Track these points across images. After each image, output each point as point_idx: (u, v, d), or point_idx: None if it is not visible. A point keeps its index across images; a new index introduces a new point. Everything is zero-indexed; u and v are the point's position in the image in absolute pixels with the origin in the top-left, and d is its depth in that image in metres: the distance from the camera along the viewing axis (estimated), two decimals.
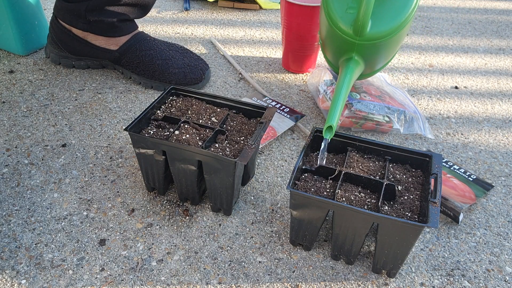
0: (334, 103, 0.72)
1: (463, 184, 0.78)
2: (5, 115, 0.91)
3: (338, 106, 0.72)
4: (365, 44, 0.79)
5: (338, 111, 0.71)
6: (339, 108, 0.71)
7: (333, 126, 0.67)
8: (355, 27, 0.77)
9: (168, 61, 0.99)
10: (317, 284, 0.63)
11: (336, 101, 0.72)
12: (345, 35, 0.79)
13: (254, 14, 1.41)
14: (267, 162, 0.84)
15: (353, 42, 0.79)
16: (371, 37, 0.78)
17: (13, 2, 1.02)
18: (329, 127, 0.67)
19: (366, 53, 0.81)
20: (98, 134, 0.88)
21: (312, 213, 0.62)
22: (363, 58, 0.81)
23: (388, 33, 0.78)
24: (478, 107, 1.03)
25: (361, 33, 0.77)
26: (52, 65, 1.07)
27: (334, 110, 0.71)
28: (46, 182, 0.77)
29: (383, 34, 0.78)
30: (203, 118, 0.74)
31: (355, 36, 0.78)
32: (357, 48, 0.80)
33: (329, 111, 0.71)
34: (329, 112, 0.70)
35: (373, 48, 0.80)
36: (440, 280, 0.65)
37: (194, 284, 0.63)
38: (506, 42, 1.33)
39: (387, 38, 0.78)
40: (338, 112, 0.70)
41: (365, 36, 0.78)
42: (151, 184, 0.74)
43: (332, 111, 0.70)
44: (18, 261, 0.64)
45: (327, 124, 0.68)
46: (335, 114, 0.70)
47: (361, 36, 0.78)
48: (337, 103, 0.72)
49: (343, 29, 0.79)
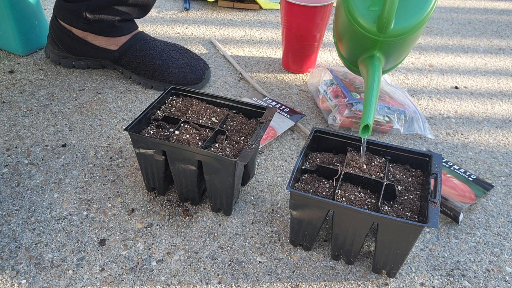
0: (368, 101, 0.70)
1: (463, 184, 0.78)
2: (5, 115, 0.91)
3: (372, 103, 0.70)
4: (388, 41, 0.78)
5: (373, 109, 0.69)
6: (374, 105, 0.70)
7: (369, 125, 0.66)
8: (380, 24, 0.76)
9: (168, 61, 0.99)
10: (317, 284, 0.63)
11: (370, 98, 0.71)
12: (368, 32, 0.78)
13: (254, 14, 1.41)
14: (267, 162, 0.84)
15: (376, 40, 0.78)
16: (395, 33, 0.77)
17: (13, 2, 1.02)
18: (366, 126, 0.66)
19: (388, 50, 0.80)
20: (98, 134, 0.88)
21: (312, 213, 0.62)
22: (384, 55, 0.80)
23: (411, 29, 0.77)
24: (478, 107, 1.03)
25: (385, 30, 0.76)
26: (52, 65, 1.07)
27: (369, 108, 0.69)
28: (46, 182, 0.77)
29: (407, 30, 0.77)
30: (203, 118, 0.74)
31: (379, 33, 0.77)
32: (380, 45, 0.79)
33: (364, 109, 0.69)
34: (364, 110, 0.69)
35: (396, 45, 0.79)
36: (440, 280, 0.65)
37: (194, 284, 0.63)
38: (506, 42, 1.33)
39: (410, 33, 0.77)
40: (373, 110, 0.69)
41: (389, 33, 0.77)
42: (151, 184, 0.74)
43: (367, 109, 0.69)
44: (18, 261, 0.64)
45: (363, 123, 0.66)
46: (370, 112, 0.68)
47: (385, 33, 0.77)
48: (371, 101, 0.70)
49: (366, 27, 0.78)
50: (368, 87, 0.74)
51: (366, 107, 0.70)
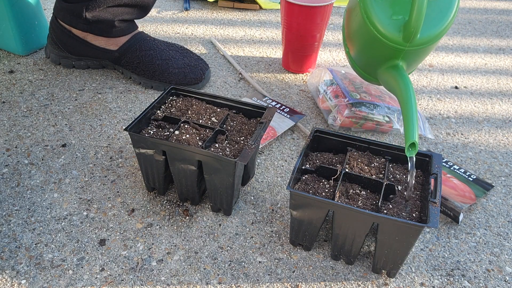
0: (409, 117, 0.66)
1: (463, 184, 0.78)
2: (5, 115, 0.91)
3: (414, 119, 0.66)
4: (414, 50, 0.76)
5: (415, 125, 0.65)
6: (416, 120, 0.66)
7: (416, 143, 0.62)
8: (406, 33, 0.74)
9: (168, 61, 0.99)
10: (317, 284, 0.63)
11: (410, 114, 0.67)
12: (393, 42, 0.76)
13: (254, 14, 1.41)
14: (267, 162, 0.84)
15: (401, 49, 0.76)
16: (421, 42, 0.75)
17: (13, 2, 1.02)
18: (412, 144, 0.63)
19: (411, 58, 0.78)
20: (98, 134, 0.88)
21: (312, 213, 0.62)
22: (407, 64, 0.79)
23: (436, 36, 0.75)
24: (478, 107, 1.03)
25: (412, 39, 0.74)
26: (52, 65, 1.07)
27: (411, 124, 0.65)
28: (46, 182, 0.77)
29: (432, 37, 0.75)
30: (203, 118, 0.74)
31: (405, 43, 0.75)
32: (404, 54, 0.77)
33: (406, 127, 0.65)
34: (406, 127, 0.65)
35: (419, 53, 0.78)
36: (440, 280, 0.65)
37: (194, 284, 0.63)
38: (506, 42, 1.33)
39: (435, 40, 0.76)
40: (416, 126, 0.65)
41: (416, 41, 0.75)
42: (151, 184, 0.74)
43: (410, 126, 0.65)
44: (18, 261, 0.64)
45: (409, 142, 0.63)
46: (414, 129, 0.64)
47: (411, 43, 0.75)
48: (412, 117, 0.66)
49: (390, 37, 0.75)
50: (406, 102, 0.70)
51: (409, 123, 0.65)
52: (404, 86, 0.72)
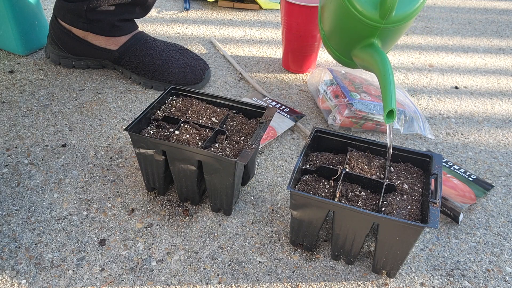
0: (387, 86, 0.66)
1: (463, 184, 0.78)
2: (5, 115, 0.91)
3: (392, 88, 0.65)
4: (389, 28, 0.76)
5: (393, 93, 0.65)
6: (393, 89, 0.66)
7: (393, 110, 0.62)
8: (383, 10, 0.74)
9: (168, 61, 0.99)
10: (317, 284, 0.63)
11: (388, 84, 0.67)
12: (369, 20, 0.75)
13: (254, 14, 1.41)
14: (267, 162, 0.84)
15: (376, 27, 0.76)
16: (396, 19, 0.75)
17: (13, 2, 1.02)
18: (390, 111, 0.63)
19: (386, 37, 0.78)
20: (98, 134, 0.88)
21: (312, 213, 0.62)
22: (382, 43, 0.78)
23: (412, 13, 0.75)
24: (478, 107, 1.03)
25: (388, 16, 0.74)
26: (52, 65, 1.07)
27: (389, 93, 0.65)
28: (46, 182, 0.77)
29: (407, 15, 0.75)
30: (203, 118, 0.74)
31: (381, 20, 0.75)
32: (380, 32, 0.76)
33: (384, 96, 0.65)
34: (384, 97, 0.65)
35: (394, 31, 0.77)
36: (440, 280, 0.65)
37: (194, 284, 0.63)
38: (506, 42, 1.33)
39: (410, 18, 0.75)
40: (394, 94, 0.65)
41: (391, 19, 0.75)
42: (151, 184, 0.74)
43: (388, 94, 0.65)
44: (18, 261, 0.64)
45: (387, 109, 0.63)
46: (392, 97, 0.64)
47: (387, 20, 0.74)
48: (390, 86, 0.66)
49: (367, 14, 0.75)
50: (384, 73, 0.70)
51: (387, 93, 0.65)
52: (381, 60, 0.73)
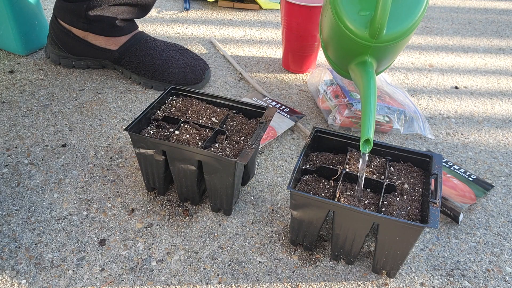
0: (367, 113, 0.66)
1: (463, 184, 0.78)
2: (5, 115, 0.91)
3: (371, 116, 0.66)
4: (381, 47, 0.76)
5: (372, 122, 0.65)
6: (373, 117, 0.66)
7: (370, 139, 0.63)
8: (372, 29, 0.74)
9: (168, 61, 0.99)
10: (317, 284, 0.63)
11: (368, 110, 0.67)
12: (360, 38, 0.75)
13: (254, 14, 1.41)
14: (267, 162, 0.84)
15: (368, 46, 0.76)
16: (387, 39, 0.75)
17: (13, 2, 1.02)
18: (366, 140, 0.63)
19: (380, 54, 0.78)
20: (98, 134, 0.88)
21: (312, 213, 0.62)
22: (376, 60, 0.78)
23: (403, 33, 0.75)
24: (478, 107, 1.03)
25: (378, 35, 0.74)
26: (52, 65, 1.07)
27: (368, 120, 0.65)
28: (46, 182, 0.77)
29: (399, 35, 0.75)
30: (203, 118, 0.74)
31: (371, 39, 0.75)
32: (372, 51, 0.76)
33: (364, 122, 0.65)
34: (363, 123, 0.65)
35: (387, 50, 0.77)
36: (440, 280, 0.65)
37: (194, 284, 0.63)
38: (506, 42, 1.33)
39: (402, 38, 0.75)
40: (373, 123, 0.65)
41: (382, 38, 0.74)
42: (151, 184, 0.74)
43: (367, 122, 0.65)
44: (18, 261, 0.64)
45: (364, 138, 0.63)
46: (370, 125, 0.64)
47: (377, 39, 0.74)
48: (369, 113, 0.66)
49: (357, 33, 0.75)
50: (365, 98, 0.70)
51: (365, 120, 0.65)
52: (367, 83, 0.72)
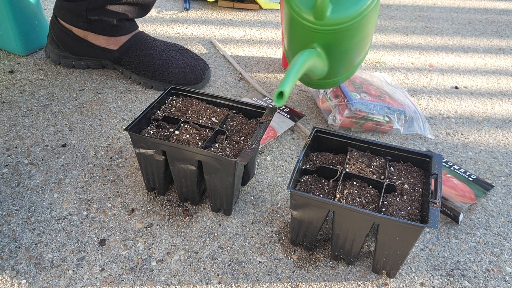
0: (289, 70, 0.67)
1: (463, 184, 0.78)
2: (5, 115, 0.91)
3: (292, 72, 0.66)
4: (326, 31, 0.76)
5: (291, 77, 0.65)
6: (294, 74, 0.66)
7: (284, 92, 0.63)
8: (315, 10, 0.74)
9: (168, 61, 0.99)
10: (317, 284, 0.63)
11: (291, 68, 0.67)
12: (305, 20, 0.76)
13: (254, 14, 1.41)
14: (267, 162, 0.84)
15: (313, 28, 0.76)
16: (331, 22, 0.75)
17: (13, 2, 1.02)
18: (280, 92, 0.63)
19: (328, 43, 0.78)
20: (98, 134, 0.88)
21: (313, 213, 0.62)
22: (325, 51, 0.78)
23: (349, 19, 0.75)
24: (478, 107, 1.03)
25: (321, 16, 0.74)
26: (52, 65, 1.07)
27: (287, 75, 0.65)
28: (46, 182, 0.77)
29: (344, 20, 0.75)
30: (203, 118, 0.74)
31: (316, 20, 0.75)
32: (319, 36, 0.77)
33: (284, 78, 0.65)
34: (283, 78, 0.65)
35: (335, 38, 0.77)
36: (440, 280, 0.65)
37: (194, 284, 0.63)
38: (506, 42, 1.33)
39: (347, 23, 0.75)
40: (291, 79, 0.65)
41: (326, 21, 0.75)
42: (151, 184, 0.74)
43: (286, 76, 0.65)
44: (18, 261, 0.64)
45: (279, 90, 0.63)
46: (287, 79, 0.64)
47: (321, 21, 0.75)
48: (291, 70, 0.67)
49: (303, 14, 0.76)
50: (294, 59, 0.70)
51: (286, 75, 0.66)
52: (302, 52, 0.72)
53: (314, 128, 0.71)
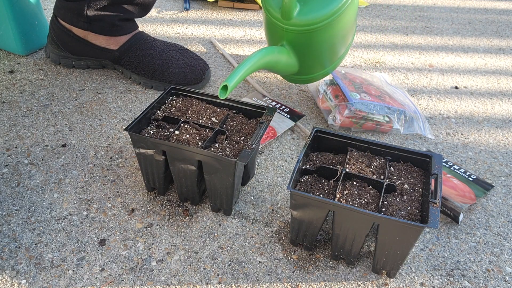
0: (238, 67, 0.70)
1: (463, 184, 0.78)
2: (5, 115, 0.91)
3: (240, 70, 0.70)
4: (293, 30, 0.78)
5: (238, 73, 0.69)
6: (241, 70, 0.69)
7: (228, 86, 0.67)
8: (282, 9, 0.76)
9: (168, 61, 0.99)
10: (317, 284, 0.63)
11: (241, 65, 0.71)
12: (274, 18, 0.79)
13: (254, 14, 1.41)
14: (267, 162, 0.84)
15: (281, 27, 0.78)
16: (296, 22, 0.77)
17: (13, 2, 1.02)
18: (224, 86, 0.67)
19: (296, 42, 0.79)
20: (98, 134, 0.88)
21: (313, 213, 0.62)
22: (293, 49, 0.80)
23: (313, 21, 0.76)
24: (478, 107, 1.03)
25: (287, 16, 0.76)
26: (52, 65, 1.07)
27: (235, 72, 0.69)
28: (46, 182, 0.77)
29: (308, 22, 0.76)
30: (203, 118, 0.74)
31: (283, 19, 0.77)
32: (286, 35, 0.79)
33: (232, 72, 0.69)
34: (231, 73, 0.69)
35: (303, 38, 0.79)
36: (440, 280, 0.65)
37: (194, 284, 0.63)
38: (506, 42, 1.33)
39: (312, 25, 0.77)
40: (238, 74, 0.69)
41: (292, 21, 0.76)
42: (151, 184, 0.74)
43: (233, 72, 0.69)
44: (18, 261, 0.64)
45: (223, 83, 0.67)
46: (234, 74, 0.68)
47: (288, 20, 0.77)
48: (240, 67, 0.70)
49: (272, 12, 0.78)
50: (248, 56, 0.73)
51: (234, 70, 0.69)
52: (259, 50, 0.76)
53: (314, 128, 0.71)
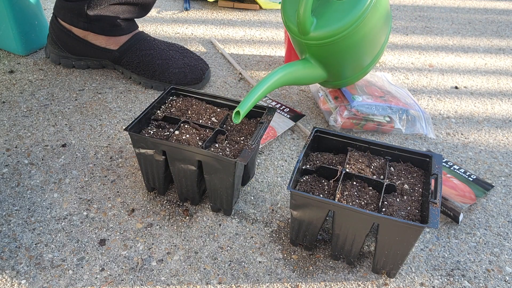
0: (251, 92, 0.72)
1: (463, 184, 0.78)
2: (5, 115, 0.91)
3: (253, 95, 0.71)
4: (313, 44, 0.79)
5: (250, 99, 0.70)
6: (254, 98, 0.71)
7: (240, 112, 0.68)
8: (298, 25, 0.77)
9: (168, 61, 0.99)
10: (317, 284, 0.63)
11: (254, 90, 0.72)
12: (293, 33, 0.80)
13: (254, 14, 1.41)
14: (267, 162, 0.84)
15: (302, 42, 0.80)
16: (315, 36, 0.77)
17: (13, 2, 1.02)
18: (237, 112, 0.69)
19: (318, 54, 0.80)
20: (98, 134, 0.88)
21: (313, 213, 0.62)
22: (318, 60, 0.82)
23: (331, 34, 0.77)
24: (478, 107, 1.03)
25: (304, 31, 0.77)
26: (52, 65, 1.07)
27: (248, 98, 0.71)
28: (46, 182, 0.77)
29: (325, 35, 0.77)
30: (203, 118, 0.74)
31: (301, 35, 0.78)
32: (308, 48, 0.80)
33: (244, 98, 0.71)
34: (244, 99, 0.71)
35: (324, 50, 0.79)
36: (440, 280, 0.65)
37: (194, 284, 0.63)
38: (506, 42, 1.33)
39: (330, 39, 0.77)
40: (251, 101, 0.70)
41: (310, 36, 0.77)
42: (151, 184, 0.74)
43: (245, 98, 0.70)
44: (18, 261, 0.64)
45: (236, 109, 0.69)
46: (247, 101, 0.70)
47: (305, 35, 0.78)
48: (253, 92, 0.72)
49: (291, 27, 0.80)
50: (261, 80, 0.75)
51: (247, 96, 0.71)
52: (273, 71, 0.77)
53: (314, 128, 0.71)
